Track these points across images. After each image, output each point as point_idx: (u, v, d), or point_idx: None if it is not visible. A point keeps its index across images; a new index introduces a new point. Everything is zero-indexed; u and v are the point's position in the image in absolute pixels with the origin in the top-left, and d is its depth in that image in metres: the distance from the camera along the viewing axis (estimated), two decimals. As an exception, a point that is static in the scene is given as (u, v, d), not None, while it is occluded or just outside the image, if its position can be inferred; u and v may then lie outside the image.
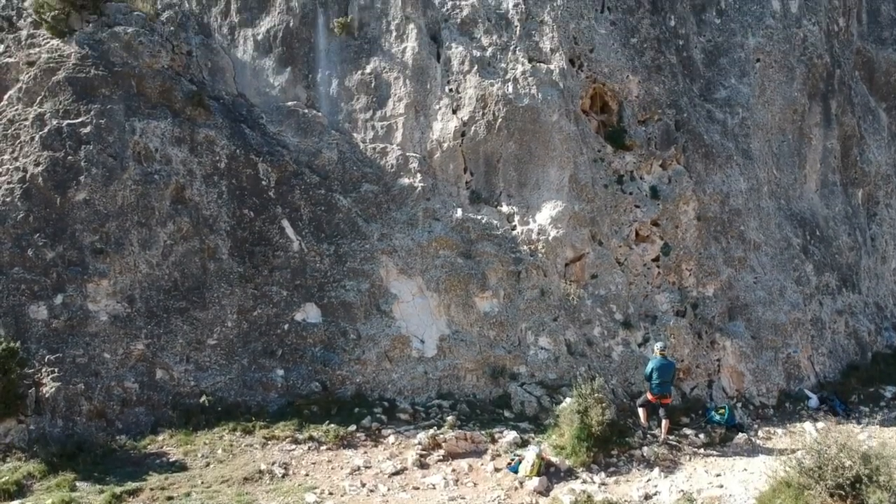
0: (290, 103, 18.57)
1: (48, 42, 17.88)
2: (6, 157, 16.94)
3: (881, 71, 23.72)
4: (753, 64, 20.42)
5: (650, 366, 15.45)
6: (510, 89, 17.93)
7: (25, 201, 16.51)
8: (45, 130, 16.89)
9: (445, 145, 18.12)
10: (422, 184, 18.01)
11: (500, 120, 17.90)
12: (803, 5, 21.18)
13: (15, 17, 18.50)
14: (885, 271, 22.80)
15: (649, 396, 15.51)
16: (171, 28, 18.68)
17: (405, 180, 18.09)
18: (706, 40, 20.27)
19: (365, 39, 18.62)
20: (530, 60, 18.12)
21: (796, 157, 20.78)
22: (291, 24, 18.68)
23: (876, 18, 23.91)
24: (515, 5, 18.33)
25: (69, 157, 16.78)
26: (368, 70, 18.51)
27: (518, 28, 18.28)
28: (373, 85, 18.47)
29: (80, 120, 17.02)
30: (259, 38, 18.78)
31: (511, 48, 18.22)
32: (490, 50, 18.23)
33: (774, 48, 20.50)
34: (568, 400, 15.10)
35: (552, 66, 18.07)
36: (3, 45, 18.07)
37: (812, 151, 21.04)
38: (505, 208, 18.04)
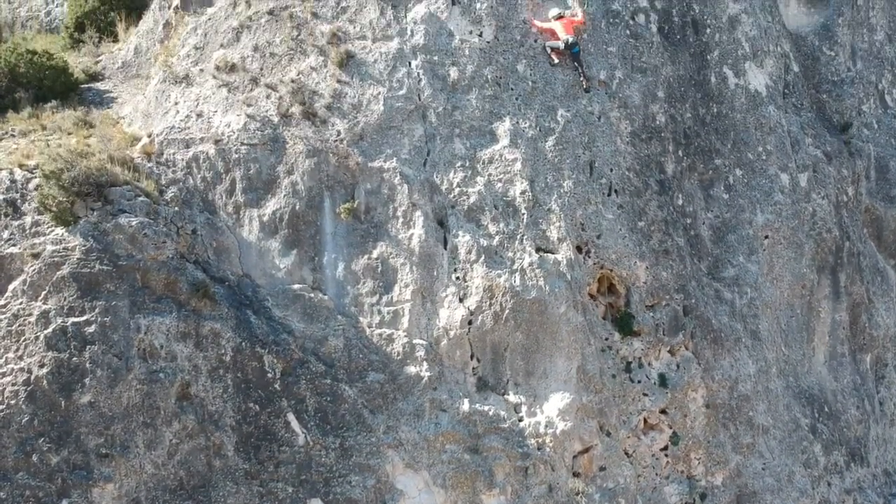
0: (295, 286, 18.98)
1: (52, 231, 18.27)
2: (10, 354, 17.32)
3: (889, 229, 24.32)
4: (762, 241, 20.96)
5: None
6: (517, 281, 18.39)
7: (30, 404, 16.90)
8: (50, 329, 17.29)
9: (452, 333, 18.55)
10: (428, 373, 18.42)
11: (507, 311, 18.36)
12: (812, 178, 21.78)
13: (19, 201, 18.84)
14: (892, 434, 23.28)
15: None
16: (176, 208, 19.10)
17: (412, 369, 18.50)
18: (714, 216, 20.79)
19: (371, 224, 19.08)
20: (538, 250, 18.61)
21: (805, 331, 21.31)
22: (297, 207, 19.13)
23: (884, 176, 24.51)
24: (522, 193, 18.81)
25: (74, 359, 17.18)
26: (375, 255, 18.95)
27: (525, 216, 18.77)
28: (379, 270, 18.91)
29: (84, 318, 17.42)
30: (265, 219, 19.21)
31: (518, 237, 18.70)
32: (497, 238, 18.71)
33: (783, 224, 21.06)
34: None
35: (559, 257, 18.56)
36: (7, 232, 18.41)
37: (821, 324, 21.58)
38: (512, 397, 18.47)
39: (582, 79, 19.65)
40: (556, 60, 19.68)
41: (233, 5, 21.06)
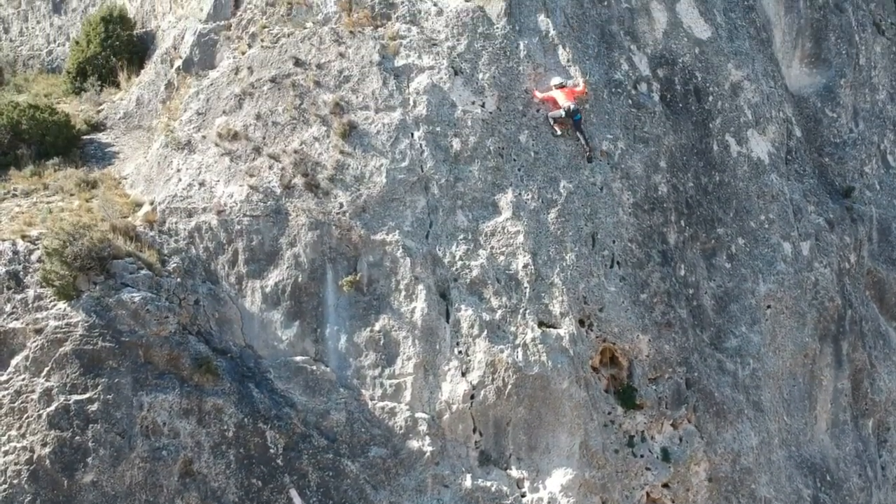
0: (298, 358, 19.15)
1: (55, 305, 18.42)
2: (13, 432, 17.49)
3: (892, 291, 24.48)
4: (764, 311, 21.12)
5: None
6: (520, 356, 18.55)
7: (33, 484, 17.09)
8: (53, 408, 17.48)
9: (455, 407, 18.70)
10: (431, 447, 18.57)
11: (509, 386, 18.52)
12: (815, 247, 21.97)
13: (22, 273, 18.96)
14: (895, 499, 23.40)
15: None
16: (178, 279, 19.27)
17: (414, 443, 18.64)
18: (716, 286, 20.95)
19: (374, 296, 19.23)
20: (540, 325, 18.77)
21: (807, 400, 21.49)
22: (300, 279, 19.29)
23: (887, 238, 24.69)
24: (525, 266, 18.97)
25: (77, 438, 17.35)
26: (377, 327, 19.11)
27: (527, 289, 18.93)
28: (381, 343, 19.07)
29: (87, 396, 17.60)
30: (267, 290, 19.37)
31: (521, 311, 18.85)
32: (499, 312, 18.86)
33: (786, 294, 21.23)
34: None
35: (562, 332, 18.72)
36: (9, 305, 18.55)
37: (823, 393, 21.76)
38: (515, 472, 18.63)
39: (585, 147, 19.82)
40: (559, 132, 19.87)
41: (235, 71, 21.28)
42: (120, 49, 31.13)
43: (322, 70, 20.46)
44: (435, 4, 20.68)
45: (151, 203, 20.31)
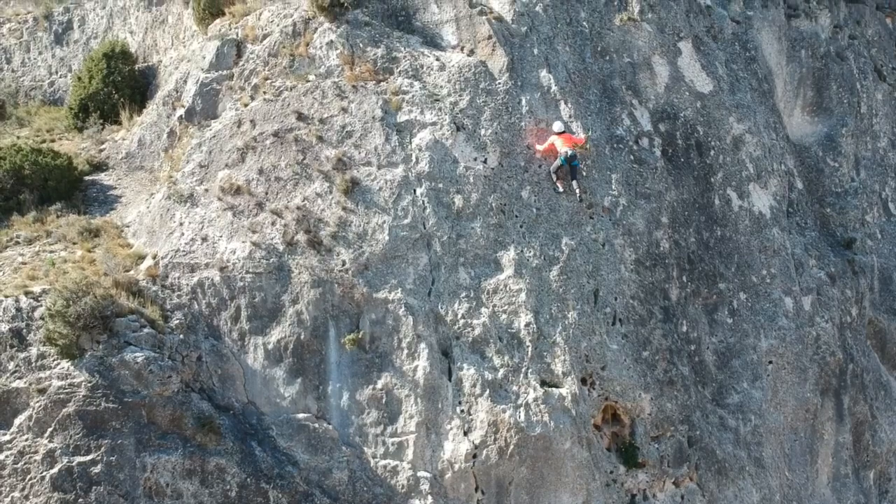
0: (300, 415, 19.27)
1: (58, 364, 18.54)
2: (16, 494, 17.65)
3: (893, 341, 24.58)
4: (766, 366, 21.23)
5: None
6: (522, 416, 18.65)
7: (36, 547, 17.15)
8: (56, 469, 17.63)
9: (457, 466, 18.80)
10: (432, 507, 18.68)
11: (512, 446, 18.63)
12: (816, 302, 22.09)
13: (25, 331, 19.06)
14: (898, 550, 23.55)
15: None
16: (181, 335, 19.39)
17: (416, 502, 18.81)
18: (718, 341, 21.06)
19: (376, 354, 19.35)
20: (542, 384, 18.89)
21: (808, 454, 21.59)
22: (302, 337, 19.41)
23: (888, 287, 24.81)
24: (527, 325, 19.09)
25: (80, 500, 17.54)
26: (380, 385, 19.23)
27: (530, 348, 19.05)
28: (384, 401, 19.18)
29: (90, 457, 17.73)
30: (270, 347, 19.49)
31: (523, 370, 18.97)
32: (502, 371, 18.98)
33: (787, 350, 21.35)
34: None
35: (564, 392, 18.84)
36: (12, 364, 18.66)
37: (824, 447, 21.86)
38: (517, 531, 18.72)
39: (579, 195, 19.89)
40: (561, 189, 20.00)
41: (237, 124, 21.40)
42: (121, 84, 31.40)
43: (325, 125, 20.60)
44: (437, 59, 20.86)
45: (154, 257, 20.44)
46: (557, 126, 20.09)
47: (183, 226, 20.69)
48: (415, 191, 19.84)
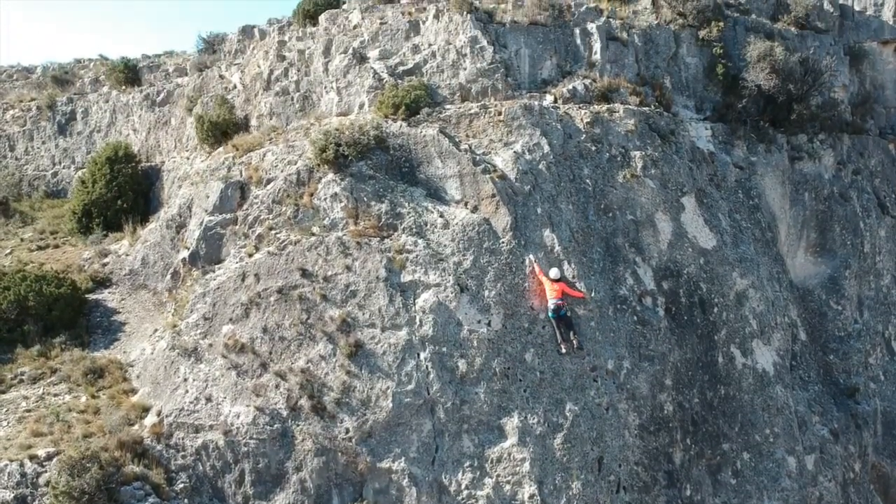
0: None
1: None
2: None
3: (896, 487, 24.75)
4: (771, 533, 21.37)
5: None
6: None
7: None
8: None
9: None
10: None
11: None
12: (819, 461, 22.18)
13: (30, 498, 19.18)
14: None
15: None
16: (186, 500, 19.50)
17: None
18: (722, 502, 21.12)
19: (380, 521, 19.49)
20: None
21: None
22: (306, 504, 19.55)
23: (891, 431, 24.92)
24: (531, 497, 19.27)
25: None
26: (385, 553, 19.37)
27: None
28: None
29: None
30: (273, 513, 19.63)
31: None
32: (506, 544, 19.08)
33: (790, 514, 21.51)
34: None
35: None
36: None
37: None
38: None
39: (574, 342, 20.09)
40: (564, 350, 20.12)
41: (241, 277, 21.62)
42: (125, 188, 31.80)
43: (329, 283, 20.81)
44: (441, 215, 21.07)
45: (158, 414, 20.62)
46: (554, 273, 20.26)
47: (187, 382, 20.89)
48: (418, 355, 20.02)
